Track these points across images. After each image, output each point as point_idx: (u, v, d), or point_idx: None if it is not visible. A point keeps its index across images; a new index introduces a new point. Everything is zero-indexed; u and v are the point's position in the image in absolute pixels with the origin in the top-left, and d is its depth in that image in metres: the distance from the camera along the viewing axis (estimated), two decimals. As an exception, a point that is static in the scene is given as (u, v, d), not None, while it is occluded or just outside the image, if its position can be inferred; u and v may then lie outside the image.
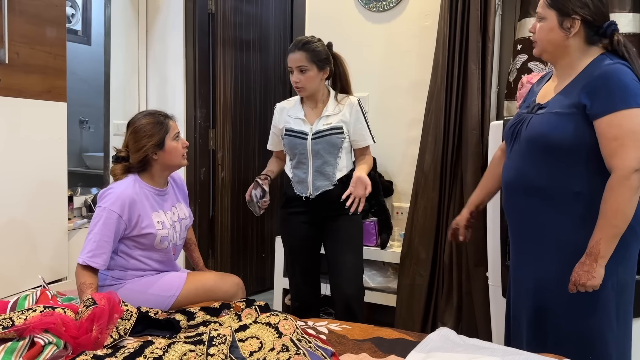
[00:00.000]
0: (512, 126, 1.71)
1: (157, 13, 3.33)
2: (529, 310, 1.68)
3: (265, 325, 1.57)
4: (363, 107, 2.21)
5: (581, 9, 1.53)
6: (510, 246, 1.79)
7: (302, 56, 2.11)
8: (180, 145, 1.99)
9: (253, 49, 3.60)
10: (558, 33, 1.57)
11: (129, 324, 1.61)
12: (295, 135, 2.19)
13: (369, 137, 2.22)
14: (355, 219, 2.23)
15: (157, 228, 1.92)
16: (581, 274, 1.50)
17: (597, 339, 1.58)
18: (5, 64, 2.16)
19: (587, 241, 1.52)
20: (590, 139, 1.51)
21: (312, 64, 2.12)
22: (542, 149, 1.58)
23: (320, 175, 2.17)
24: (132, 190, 1.89)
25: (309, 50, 2.11)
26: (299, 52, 2.12)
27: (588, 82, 1.52)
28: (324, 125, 2.16)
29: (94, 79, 3.56)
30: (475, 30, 2.48)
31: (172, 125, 1.99)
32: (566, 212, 1.58)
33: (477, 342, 1.64)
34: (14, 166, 2.27)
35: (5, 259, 2.24)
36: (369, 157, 2.25)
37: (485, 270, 2.36)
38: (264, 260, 3.79)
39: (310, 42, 2.14)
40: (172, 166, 2.01)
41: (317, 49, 2.13)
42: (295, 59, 2.13)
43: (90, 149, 3.92)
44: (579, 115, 1.52)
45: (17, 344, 1.42)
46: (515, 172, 1.67)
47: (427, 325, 2.65)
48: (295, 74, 2.14)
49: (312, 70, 2.12)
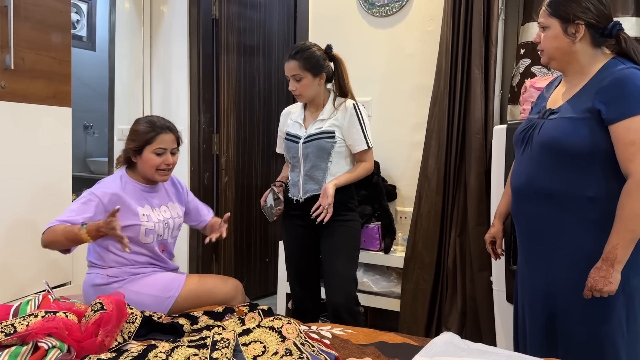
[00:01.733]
0: (522, 131, 1.70)
1: (161, 19, 3.35)
2: (539, 315, 1.67)
3: (268, 329, 1.57)
4: (360, 111, 2.17)
5: (583, 14, 1.53)
6: (519, 251, 1.78)
7: (296, 65, 2.12)
8: (161, 160, 1.95)
9: (256, 54, 3.61)
10: (564, 40, 1.57)
11: (134, 327, 1.62)
12: (290, 139, 2.22)
13: (363, 142, 2.17)
14: (350, 226, 2.21)
15: (142, 220, 1.95)
16: (597, 280, 1.49)
17: (608, 344, 1.57)
18: (11, 69, 2.17)
19: (599, 246, 1.51)
20: (605, 143, 1.51)
21: (306, 71, 2.12)
22: (555, 153, 1.57)
23: (309, 179, 2.18)
24: (117, 184, 1.96)
25: (301, 58, 2.12)
26: (292, 61, 2.13)
27: (602, 87, 1.51)
28: (315, 129, 2.17)
29: (99, 85, 3.59)
30: (478, 35, 2.48)
31: (161, 139, 1.95)
32: (578, 217, 1.56)
33: (482, 347, 1.63)
34: (19, 170, 2.28)
35: (10, 262, 2.25)
36: (364, 164, 2.22)
37: (490, 275, 2.35)
38: (268, 265, 3.78)
39: (303, 49, 2.14)
40: (146, 175, 1.99)
41: (310, 56, 2.13)
42: (289, 68, 2.14)
43: (94, 154, 3.94)
44: (594, 120, 1.51)
45: (21, 348, 1.42)
46: (526, 177, 1.66)
47: (431, 330, 2.64)
48: (292, 83, 2.16)
49: (306, 78, 2.13)
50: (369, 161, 2.23)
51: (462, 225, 2.57)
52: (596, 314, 1.57)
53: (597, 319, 1.57)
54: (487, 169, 2.45)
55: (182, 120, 3.30)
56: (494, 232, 1.93)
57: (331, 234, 2.18)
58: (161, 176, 1.99)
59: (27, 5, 2.25)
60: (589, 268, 1.52)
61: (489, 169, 2.40)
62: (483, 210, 2.47)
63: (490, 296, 2.35)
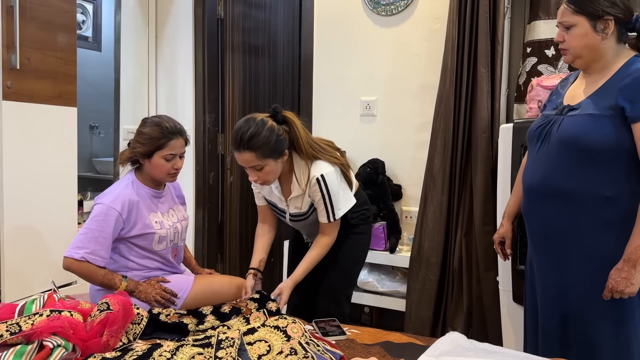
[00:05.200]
0: (538, 127, 1.67)
1: (167, 19, 3.35)
2: (552, 316, 1.65)
3: (273, 329, 1.57)
4: (324, 185, 1.88)
5: (612, 8, 1.51)
6: (529, 251, 1.76)
7: (251, 156, 1.77)
8: (170, 165, 1.92)
9: (262, 54, 3.61)
10: (594, 37, 1.54)
11: (139, 328, 1.61)
12: (275, 211, 2.07)
13: (324, 217, 1.92)
14: (356, 239, 2.07)
15: (156, 228, 1.93)
16: (619, 281, 1.46)
17: (621, 345, 1.55)
18: (17, 69, 2.18)
19: (615, 246, 1.49)
20: (628, 142, 1.49)
21: (265, 159, 1.79)
22: (575, 151, 1.54)
23: (311, 235, 2.08)
24: (130, 190, 1.91)
25: (255, 147, 1.76)
26: (245, 152, 1.77)
27: (626, 84, 1.49)
28: (295, 209, 1.98)
29: (104, 85, 3.59)
30: (485, 33, 2.47)
31: (173, 145, 1.89)
32: (594, 216, 1.54)
33: (488, 347, 1.62)
34: (25, 170, 2.28)
35: (16, 262, 2.26)
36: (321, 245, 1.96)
37: (496, 274, 2.33)
38: (273, 265, 3.77)
39: (254, 136, 1.76)
40: (155, 178, 1.97)
41: (266, 141, 1.77)
42: (244, 160, 1.79)
43: (100, 154, 3.95)
44: (617, 117, 1.49)
45: (26, 347, 1.42)
46: (541, 175, 1.63)
47: (436, 330, 2.63)
48: (251, 173, 1.83)
49: (268, 165, 1.81)
50: (330, 235, 1.97)
51: (468, 224, 2.56)
52: (612, 314, 1.55)
53: (612, 319, 1.55)
54: (494, 168, 2.43)
55: (187, 120, 3.30)
56: (503, 232, 1.90)
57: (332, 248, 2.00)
58: (171, 178, 1.98)
59: (33, 6, 2.25)
60: (604, 268, 1.50)
61: (495, 168, 2.39)
62: (489, 209, 2.46)
63: (497, 296, 2.34)
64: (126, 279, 1.86)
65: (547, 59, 2.40)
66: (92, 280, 1.85)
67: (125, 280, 1.85)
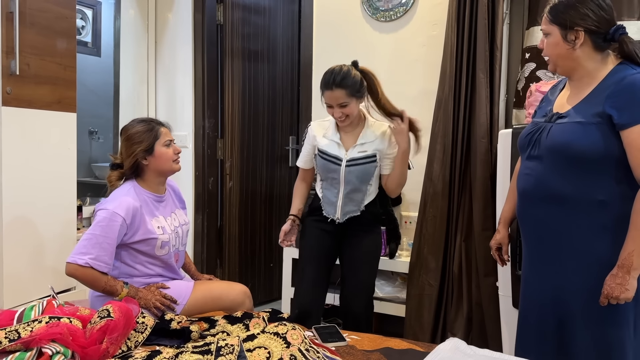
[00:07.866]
0: (528, 135, 1.69)
1: (166, 24, 3.36)
2: (546, 320, 1.65)
3: (273, 335, 1.56)
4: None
5: (582, 20, 1.53)
6: (524, 255, 1.77)
7: (342, 93, 2.06)
8: (172, 151, 2.01)
9: (261, 60, 3.62)
10: (563, 46, 1.57)
11: (142, 337, 1.60)
12: (329, 159, 2.18)
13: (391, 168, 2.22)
14: (374, 238, 2.26)
15: (158, 233, 1.93)
16: (614, 287, 1.47)
17: (615, 349, 1.55)
18: (16, 75, 2.18)
19: (609, 250, 1.50)
20: (617, 148, 1.49)
21: (351, 97, 2.07)
22: (565, 157, 1.56)
23: (349, 201, 2.18)
24: (133, 195, 1.92)
25: (347, 86, 2.05)
26: (337, 89, 2.05)
27: (612, 92, 1.50)
28: (359, 153, 2.15)
29: (104, 90, 3.59)
30: (483, 39, 2.48)
31: (164, 131, 2.01)
32: (588, 220, 1.55)
33: (488, 353, 1.62)
34: (24, 176, 2.28)
35: (15, 267, 2.25)
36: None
37: (495, 280, 2.33)
38: (272, 270, 3.78)
39: (346, 76, 2.07)
40: (164, 171, 2.01)
41: (354, 82, 2.07)
42: (335, 97, 2.07)
43: (99, 160, 3.93)
44: (604, 124, 1.50)
45: (25, 354, 1.41)
46: (534, 180, 1.64)
47: (436, 336, 2.62)
48: (337, 110, 2.09)
49: (352, 103, 2.08)
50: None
51: (467, 230, 2.56)
52: (603, 318, 1.55)
53: (604, 323, 1.55)
54: (493, 174, 2.44)
55: (186, 126, 3.31)
56: (500, 238, 1.91)
57: (358, 244, 2.22)
58: (176, 164, 2.03)
59: (33, 11, 2.26)
60: (599, 272, 1.51)
61: (494, 173, 2.39)
62: (489, 215, 2.46)
63: (496, 302, 2.33)
64: (127, 286, 1.85)
65: (545, 65, 2.39)
66: (94, 286, 1.84)
67: (127, 287, 1.85)
